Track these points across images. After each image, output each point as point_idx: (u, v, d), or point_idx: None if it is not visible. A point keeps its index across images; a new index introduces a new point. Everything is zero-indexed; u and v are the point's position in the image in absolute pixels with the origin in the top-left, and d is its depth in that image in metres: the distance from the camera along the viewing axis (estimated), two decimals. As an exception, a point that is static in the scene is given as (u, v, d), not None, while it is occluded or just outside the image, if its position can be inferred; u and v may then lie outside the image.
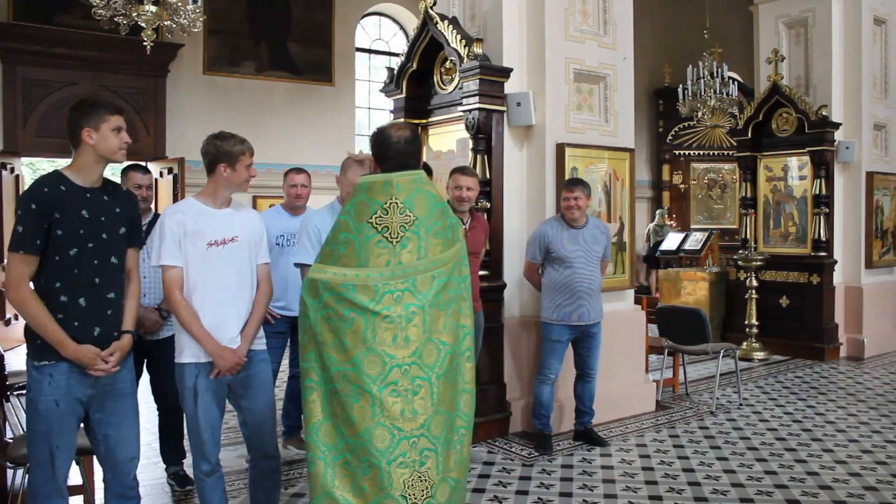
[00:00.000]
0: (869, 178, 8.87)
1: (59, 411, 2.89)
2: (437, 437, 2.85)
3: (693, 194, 14.82)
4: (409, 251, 2.80)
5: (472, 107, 5.40)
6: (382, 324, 2.76)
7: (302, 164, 5.64)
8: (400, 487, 2.75)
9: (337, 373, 2.79)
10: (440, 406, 2.86)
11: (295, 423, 5.19)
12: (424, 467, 2.80)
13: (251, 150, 3.34)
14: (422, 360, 2.81)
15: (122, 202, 3.08)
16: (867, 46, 8.80)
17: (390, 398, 2.76)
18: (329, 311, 2.80)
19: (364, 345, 2.76)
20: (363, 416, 2.75)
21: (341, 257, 2.81)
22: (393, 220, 2.78)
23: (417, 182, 2.86)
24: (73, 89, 9.40)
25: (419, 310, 2.81)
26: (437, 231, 2.87)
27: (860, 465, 4.90)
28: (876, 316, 8.90)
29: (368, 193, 2.81)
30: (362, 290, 2.76)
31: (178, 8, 6.66)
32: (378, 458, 2.73)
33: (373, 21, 12.95)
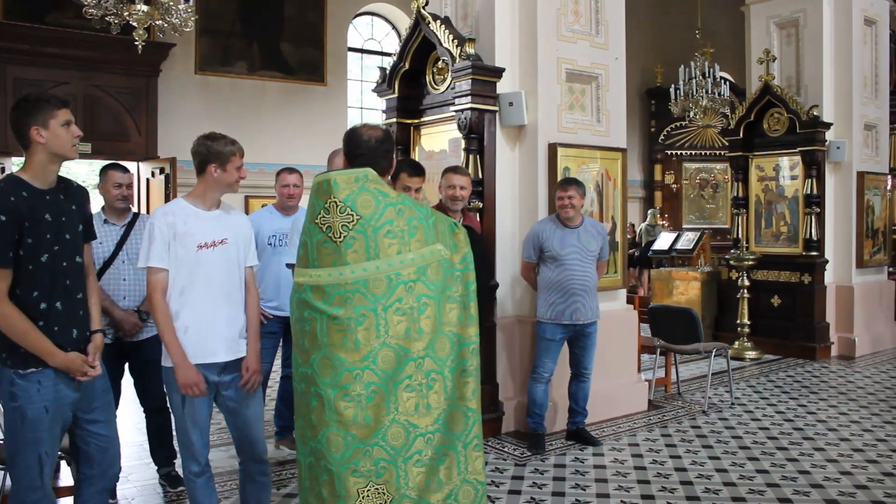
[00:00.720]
0: (860, 177, 8.91)
1: (49, 417, 2.85)
2: (397, 448, 2.70)
3: (685, 194, 14.88)
4: (356, 251, 2.71)
5: (465, 107, 5.40)
6: (333, 325, 2.69)
7: (294, 164, 5.63)
8: (354, 496, 2.65)
9: (301, 373, 2.78)
10: (400, 416, 2.70)
11: (287, 424, 5.17)
12: (381, 479, 2.67)
13: (241, 150, 3.32)
14: (376, 365, 2.69)
15: (76, 199, 3.01)
16: (858, 47, 8.84)
17: (342, 402, 2.67)
18: (297, 313, 2.81)
19: (318, 346, 2.71)
20: (320, 419, 2.69)
21: (300, 259, 2.82)
22: (335, 220, 2.72)
23: (361, 181, 2.77)
24: (64, 89, 9.34)
25: (370, 312, 2.69)
26: (389, 231, 2.74)
27: (851, 464, 4.92)
28: (867, 315, 8.94)
29: (315, 194, 2.80)
30: (315, 290, 2.73)
31: (170, 7, 6.64)
32: (333, 464, 2.66)
33: (365, 21, 12.94)
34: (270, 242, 4.80)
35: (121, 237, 4.16)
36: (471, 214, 5.08)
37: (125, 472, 4.48)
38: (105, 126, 9.63)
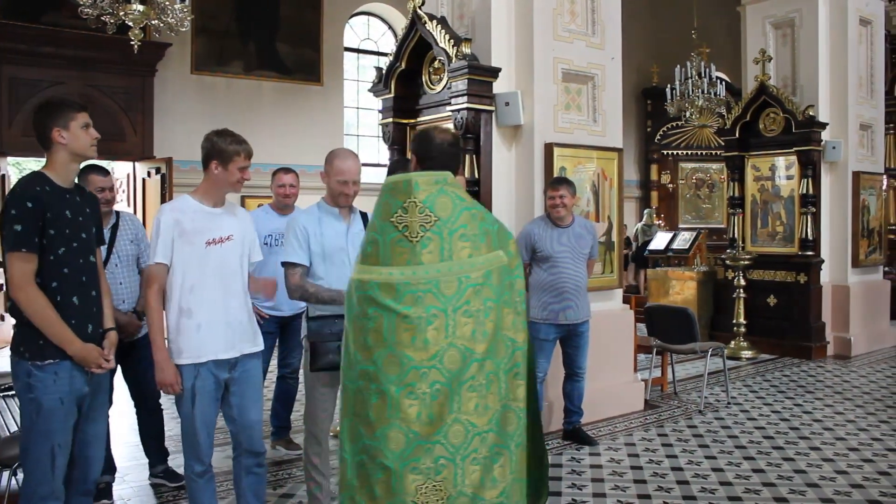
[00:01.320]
0: (855, 177, 8.93)
1: (64, 409, 2.93)
2: (456, 446, 2.72)
3: (681, 194, 14.89)
4: (430, 251, 2.74)
5: (461, 107, 5.41)
6: (402, 324, 2.70)
7: (290, 164, 5.63)
8: (411, 493, 2.66)
9: (361, 371, 2.77)
10: (461, 415, 2.73)
11: (283, 424, 5.18)
12: (440, 476, 2.68)
13: (248, 152, 3.33)
14: (443, 364, 2.71)
15: (90, 204, 3.16)
16: (853, 47, 8.86)
17: (406, 400, 2.68)
18: (358, 309, 2.80)
19: (384, 344, 2.71)
20: (380, 416, 2.70)
21: (368, 256, 2.82)
22: (413, 220, 2.74)
23: (440, 183, 2.81)
24: (59, 89, 9.34)
25: (441, 313, 2.72)
26: (463, 234, 2.79)
27: (847, 463, 4.93)
28: (862, 315, 8.96)
29: (391, 193, 2.82)
30: (385, 288, 2.73)
31: (166, 7, 6.64)
32: (391, 461, 2.67)
33: (361, 21, 12.93)
34: (266, 242, 4.80)
35: (109, 240, 4.14)
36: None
37: (121, 472, 4.49)
38: (101, 126, 9.28)
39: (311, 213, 3.72)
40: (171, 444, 5.15)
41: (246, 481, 3.49)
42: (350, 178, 3.62)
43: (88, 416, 3.09)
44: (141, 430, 4.50)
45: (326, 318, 3.59)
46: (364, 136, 12.90)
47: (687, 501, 4.29)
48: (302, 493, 4.29)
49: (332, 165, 3.63)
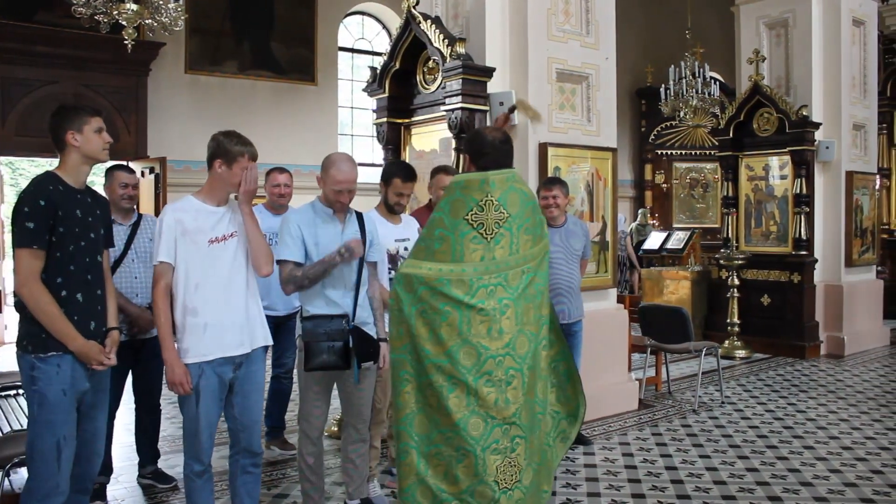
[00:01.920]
0: (848, 177, 8.96)
1: (67, 400, 2.99)
2: (526, 424, 2.96)
3: (675, 194, 14.90)
4: (502, 247, 2.90)
5: (455, 106, 5.41)
6: (478, 317, 2.86)
7: (285, 164, 5.62)
8: (493, 473, 2.86)
9: (431, 365, 2.88)
10: (528, 395, 2.98)
11: (277, 424, 5.18)
12: (514, 453, 2.92)
13: (253, 154, 3.35)
14: (515, 351, 2.91)
15: (100, 206, 3.25)
16: (846, 47, 8.88)
17: (485, 388, 2.87)
18: (424, 304, 2.90)
19: (460, 337, 2.86)
20: (459, 406, 2.85)
21: (436, 253, 2.92)
22: (488, 217, 2.89)
23: (511, 180, 2.96)
24: (53, 88, 9.32)
25: (511, 303, 2.91)
26: (527, 227, 2.98)
27: (840, 462, 4.94)
28: (856, 314, 8.99)
29: (464, 191, 2.92)
30: (457, 284, 2.86)
31: (160, 6, 6.62)
32: (473, 446, 2.85)
33: (356, 20, 12.92)
34: None
35: (128, 236, 4.22)
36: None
37: (115, 472, 4.48)
38: (94, 125, 9.59)
39: (306, 213, 3.71)
40: (164, 444, 5.15)
41: (241, 480, 3.49)
42: (345, 189, 3.61)
43: (88, 413, 3.13)
44: (137, 428, 4.51)
45: (321, 317, 3.59)
46: (358, 136, 12.89)
47: (681, 500, 4.29)
48: (296, 494, 4.29)
49: (328, 173, 3.61)
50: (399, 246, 4.29)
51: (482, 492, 2.88)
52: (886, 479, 4.63)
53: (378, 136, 6.22)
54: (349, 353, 3.57)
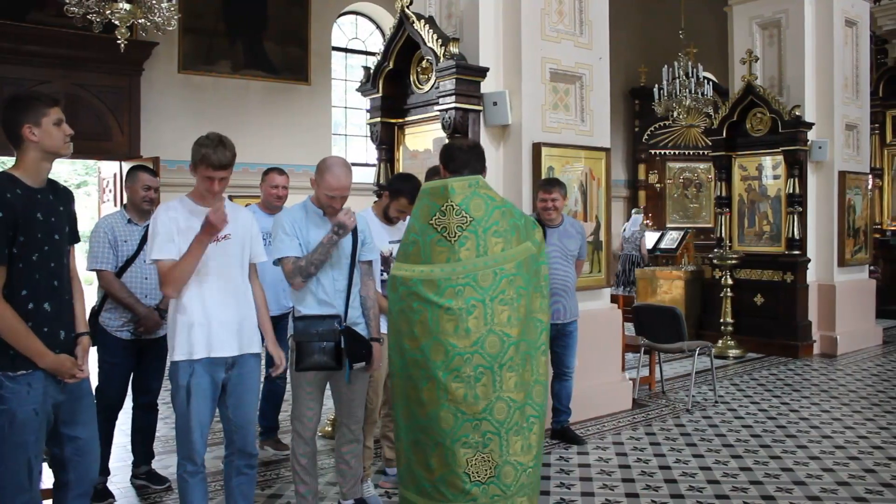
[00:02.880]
0: (841, 177, 8.98)
1: (38, 420, 2.81)
2: (501, 421, 3.06)
3: (669, 193, 14.93)
4: (468, 249, 3.06)
5: (449, 106, 5.40)
6: (445, 315, 3.03)
7: (278, 164, 5.61)
8: (463, 465, 3.01)
9: (410, 359, 3.10)
10: (503, 393, 3.07)
11: (271, 424, 5.17)
12: (487, 449, 3.04)
13: (212, 162, 3.22)
14: (484, 349, 3.04)
15: (63, 200, 2.98)
16: (839, 48, 8.91)
17: (453, 383, 3.02)
18: (403, 304, 3.13)
19: (430, 334, 3.04)
20: (431, 399, 3.04)
21: (410, 255, 3.15)
22: (450, 221, 3.07)
23: (473, 186, 3.14)
24: (45, 88, 9.23)
25: (479, 303, 3.04)
26: (496, 230, 3.11)
27: (833, 461, 4.95)
28: (848, 313, 9.01)
29: (430, 197, 3.13)
30: (427, 284, 3.06)
31: (153, 6, 6.60)
32: (443, 438, 3.02)
33: (349, 20, 12.91)
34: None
35: (142, 237, 4.18)
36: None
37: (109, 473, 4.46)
38: (87, 125, 9.53)
39: (297, 214, 3.71)
40: (158, 444, 5.13)
41: (235, 481, 3.49)
42: (339, 195, 3.61)
43: (73, 420, 2.98)
44: (133, 426, 4.49)
45: (313, 318, 3.59)
46: (352, 136, 12.88)
47: (675, 500, 4.30)
48: (290, 494, 4.28)
49: (322, 178, 3.60)
50: (393, 248, 4.29)
51: (452, 481, 3.04)
52: (879, 478, 4.64)
53: (372, 136, 6.21)
54: (341, 353, 3.57)
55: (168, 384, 3.48)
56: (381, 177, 6.05)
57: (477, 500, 3.05)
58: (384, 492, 4.38)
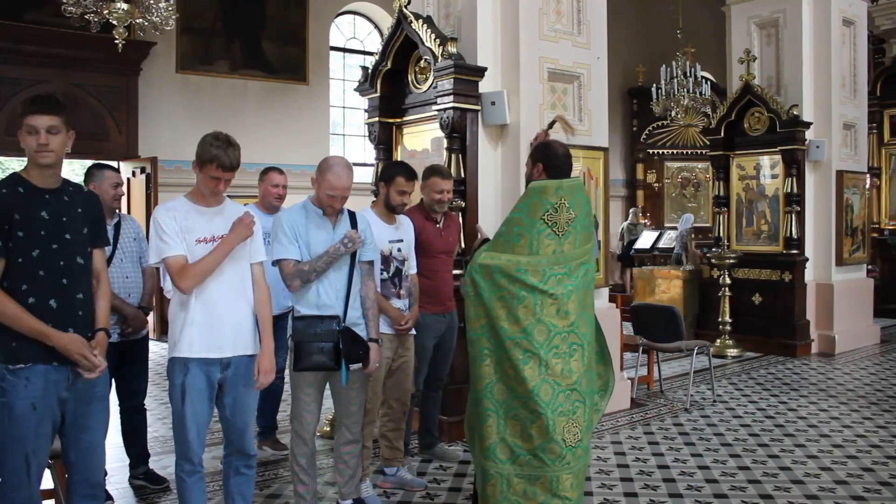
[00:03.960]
0: (839, 176, 8.99)
1: (36, 415, 2.82)
2: (586, 391, 3.48)
3: (667, 193, 14.93)
4: (570, 243, 3.44)
5: (447, 106, 5.40)
6: (549, 300, 3.39)
7: (276, 164, 5.59)
8: (560, 432, 3.36)
9: (509, 341, 3.39)
10: (589, 366, 3.52)
11: (269, 424, 5.16)
12: (576, 416, 3.42)
13: (223, 162, 3.22)
14: (577, 328, 3.45)
15: (83, 203, 3.02)
16: (836, 47, 8.92)
17: (554, 359, 3.39)
18: (503, 290, 3.41)
19: (534, 317, 3.38)
20: (533, 375, 3.36)
21: (515, 247, 3.43)
22: (560, 217, 3.42)
23: (578, 187, 3.53)
24: (43, 87, 9.24)
25: (574, 289, 3.45)
26: (586, 226, 3.53)
27: (831, 460, 4.96)
28: (846, 312, 9.02)
29: (541, 195, 3.43)
30: (533, 273, 3.39)
31: (151, 5, 6.59)
32: (544, 409, 3.35)
33: (347, 20, 12.90)
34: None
35: (114, 236, 4.18)
36: (452, 214, 5.05)
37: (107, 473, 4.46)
38: (85, 125, 9.52)
39: (297, 213, 3.71)
40: (156, 444, 5.14)
41: (234, 481, 3.49)
42: (340, 195, 3.62)
43: (79, 423, 2.98)
44: (124, 430, 4.48)
45: (312, 318, 3.60)
46: (350, 136, 12.88)
47: (673, 499, 4.30)
48: (289, 494, 4.28)
49: (324, 177, 3.60)
50: (392, 247, 4.27)
51: (552, 448, 3.37)
52: (877, 477, 4.65)
53: (370, 136, 6.20)
54: (339, 353, 3.57)
55: (154, 385, 3.47)
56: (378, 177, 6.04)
57: (570, 463, 3.40)
58: (383, 492, 4.39)
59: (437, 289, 4.65)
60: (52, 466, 3.65)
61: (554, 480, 3.39)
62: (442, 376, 4.92)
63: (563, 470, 3.39)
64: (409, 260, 4.37)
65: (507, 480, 3.44)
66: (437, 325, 4.68)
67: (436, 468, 4.83)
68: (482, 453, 3.51)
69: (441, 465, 4.87)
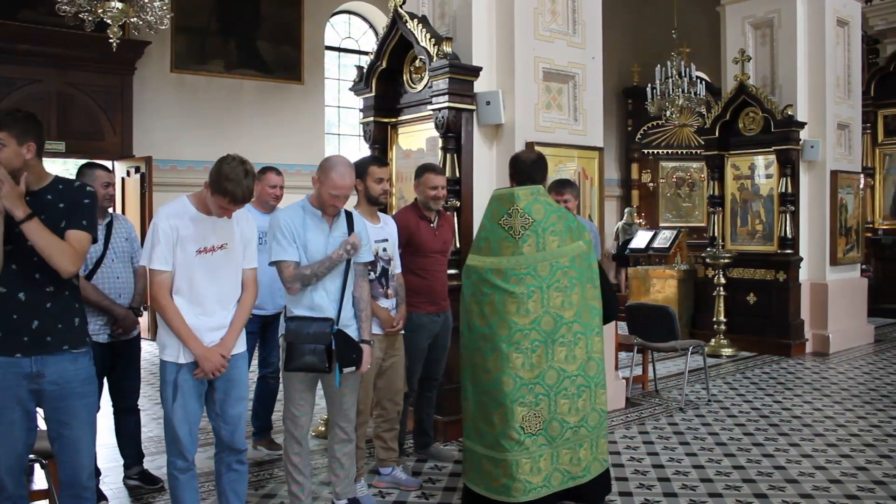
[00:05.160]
0: (833, 176, 9.01)
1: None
2: (550, 386, 3.68)
3: (662, 192, 14.95)
4: (529, 245, 3.67)
5: (442, 106, 5.40)
6: (509, 298, 3.65)
7: (271, 163, 5.59)
8: (519, 421, 3.62)
9: (479, 333, 3.73)
10: (554, 363, 3.69)
11: (264, 424, 5.16)
12: (538, 407, 3.66)
13: (235, 198, 3.21)
14: (540, 326, 3.65)
15: (66, 197, 3.00)
16: (831, 47, 8.94)
17: (514, 353, 3.63)
18: (475, 288, 3.77)
19: (497, 313, 3.66)
20: (495, 366, 3.65)
21: (481, 249, 3.79)
22: (515, 222, 3.69)
23: (535, 194, 3.75)
24: (36, 87, 9.24)
25: (537, 289, 3.65)
26: (553, 230, 3.72)
27: (825, 459, 4.97)
28: (840, 312, 9.04)
29: (498, 202, 3.77)
30: (496, 273, 3.69)
31: (145, 5, 6.58)
32: (504, 398, 3.62)
33: (342, 19, 12.90)
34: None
35: (105, 236, 4.16)
36: (446, 213, 5.04)
37: (101, 473, 4.44)
38: (79, 124, 9.52)
39: (295, 213, 3.69)
40: (150, 444, 5.13)
41: (226, 478, 3.49)
42: (343, 194, 3.62)
43: (59, 418, 3.00)
44: (117, 431, 4.46)
45: (305, 319, 3.59)
46: (345, 135, 12.87)
47: (668, 498, 4.31)
48: (283, 494, 4.28)
49: (327, 177, 3.59)
50: (378, 247, 4.25)
51: (510, 434, 3.63)
52: (871, 476, 4.66)
53: (365, 136, 6.20)
54: (331, 355, 3.57)
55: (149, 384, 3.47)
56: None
57: (529, 448, 3.64)
58: (378, 491, 4.39)
59: (431, 288, 4.65)
60: (46, 466, 3.65)
61: (514, 464, 3.63)
62: (436, 376, 4.91)
63: (521, 455, 3.63)
64: (394, 259, 4.36)
65: (479, 458, 3.77)
66: (431, 325, 4.67)
67: (431, 468, 4.83)
68: (464, 431, 3.91)
69: (436, 465, 4.87)
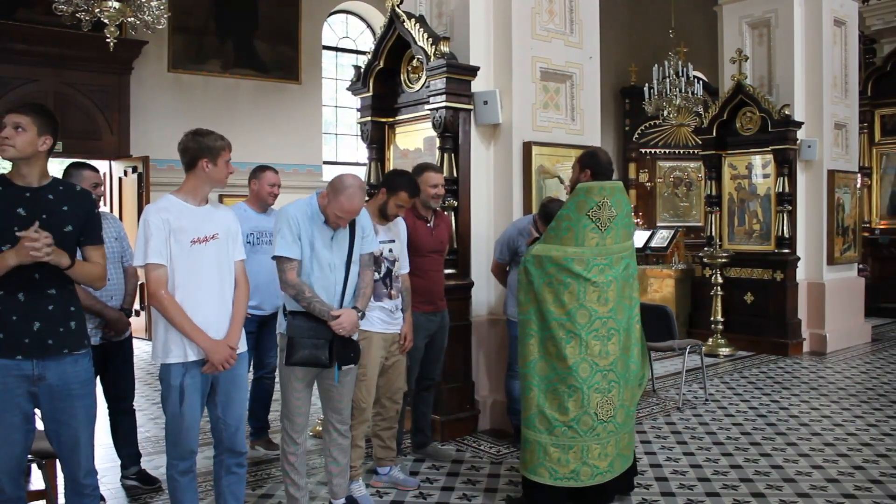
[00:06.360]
0: (830, 176, 9.02)
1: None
2: (621, 373, 3.93)
3: (659, 192, 14.93)
4: (611, 237, 3.89)
5: (439, 105, 5.40)
6: (591, 287, 3.84)
7: (268, 163, 5.58)
8: (594, 407, 3.82)
9: (555, 322, 3.84)
10: (623, 351, 3.95)
11: (262, 425, 5.15)
12: (611, 394, 3.87)
13: (230, 146, 3.38)
14: (615, 315, 3.90)
15: (70, 201, 3.03)
16: (828, 47, 8.95)
17: (593, 341, 3.84)
18: (551, 277, 3.86)
19: (577, 302, 3.83)
20: (573, 354, 3.82)
21: (563, 239, 3.88)
22: (603, 214, 3.86)
23: (619, 189, 3.97)
24: (33, 86, 9.22)
25: (614, 279, 3.90)
26: (625, 225, 3.99)
27: (822, 458, 4.98)
28: (838, 311, 9.06)
29: (587, 194, 3.86)
30: (578, 262, 3.84)
31: (142, 4, 6.58)
32: (581, 385, 3.80)
33: (340, 19, 12.88)
34: (249, 241, 4.71)
35: None
36: (443, 213, 5.04)
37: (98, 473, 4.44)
38: (76, 124, 9.49)
39: (303, 212, 3.66)
40: (147, 445, 5.13)
41: (225, 481, 3.47)
42: (349, 217, 3.63)
43: (57, 418, 3.00)
44: (114, 432, 4.46)
45: (306, 314, 3.59)
46: (342, 135, 12.86)
47: (665, 498, 4.31)
48: (281, 494, 4.27)
49: (336, 199, 3.57)
50: (384, 248, 4.24)
51: (585, 420, 3.81)
52: (868, 475, 4.67)
53: (362, 135, 6.20)
54: (332, 350, 3.57)
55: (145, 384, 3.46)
56: (371, 176, 6.04)
57: (600, 435, 3.84)
58: (375, 491, 4.38)
59: (428, 288, 4.64)
60: (44, 466, 3.64)
61: (584, 450, 3.83)
62: (433, 376, 4.91)
63: (592, 440, 3.83)
64: (399, 260, 4.34)
65: (544, 448, 3.85)
66: (428, 325, 4.67)
67: (428, 467, 4.83)
68: (524, 423, 3.96)
69: (434, 465, 4.87)
